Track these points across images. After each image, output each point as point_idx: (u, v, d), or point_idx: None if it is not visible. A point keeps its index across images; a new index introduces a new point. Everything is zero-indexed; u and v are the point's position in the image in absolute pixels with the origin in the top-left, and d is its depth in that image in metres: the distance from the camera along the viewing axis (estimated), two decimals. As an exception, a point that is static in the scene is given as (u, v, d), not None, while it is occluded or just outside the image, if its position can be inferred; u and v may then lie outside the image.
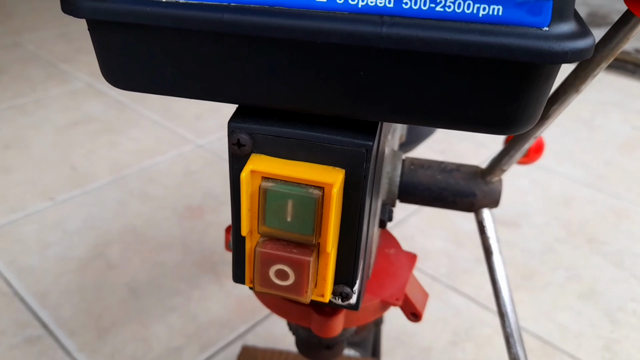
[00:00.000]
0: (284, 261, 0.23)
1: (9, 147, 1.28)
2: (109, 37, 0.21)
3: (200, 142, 1.33)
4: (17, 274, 0.93)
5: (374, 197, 0.27)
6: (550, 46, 0.17)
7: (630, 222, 1.10)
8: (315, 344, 0.38)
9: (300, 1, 0.18)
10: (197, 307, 0.88)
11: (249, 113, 0.23)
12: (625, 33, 0.24)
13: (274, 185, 0.22)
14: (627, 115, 1.53)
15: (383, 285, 0.34)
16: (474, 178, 0.34)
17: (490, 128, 0.20)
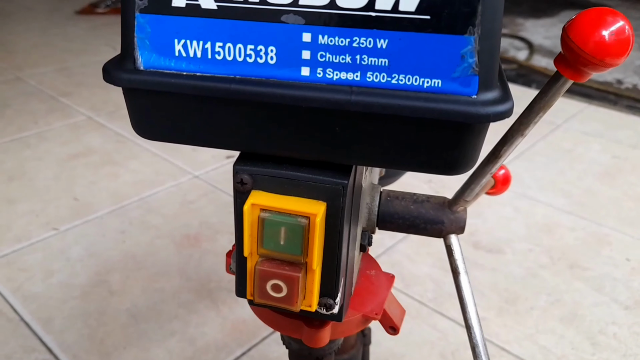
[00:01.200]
0: (279, 277, 0.28)
1: (13, 179, 1.33)
2: (140, 100, 0.27)
3: (197, 173, 1.38)
4: (22, 300, 0.97)
5: (353, 224, 0.32)
6: (477, 110, 0.23)
7: (611, 248, 1.15)
8: (306, 356, 0.43)
9: (289, 75, 0.24)
10: (195, 332, 0.92)
11: (250, 158, 0.29)
12: (557, 89, 0.29)
13: (270, 215, 0.28)
14: (607, 145, 1.60)
15: (364, 302, 0.39)
16: (441, 208, 0.39)
17: (438, 170, 0.26)
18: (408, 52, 0.23)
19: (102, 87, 1.88)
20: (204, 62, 0.26)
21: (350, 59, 0.24)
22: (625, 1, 3.52)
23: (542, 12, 3.17)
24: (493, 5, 0.23)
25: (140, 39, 0.26)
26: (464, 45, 0.23)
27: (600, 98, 1.96)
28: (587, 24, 0.25)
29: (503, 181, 0.50)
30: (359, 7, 0.23)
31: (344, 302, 0.33)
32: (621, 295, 1.02)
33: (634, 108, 1.89)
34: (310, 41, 0.24)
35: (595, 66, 0.26)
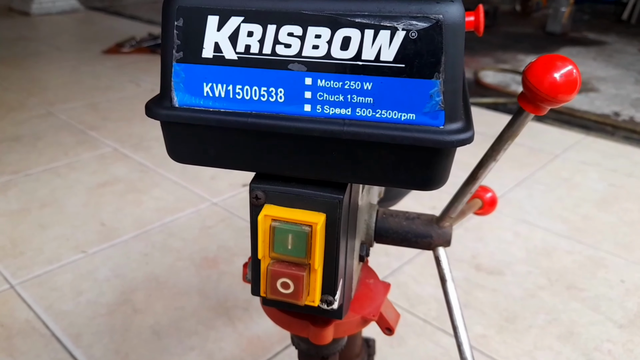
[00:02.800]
0: (287, 276, 0.35)
1: (45, 205, 1.42)
2: (175, 131, 0.34)
3: (215, 201, 1.46)
4: (53, 317, 1.05)
5: (350, 234, 0.39)
6: (444, 138, 0.30)
7: (607, 270, 1.20)
8: (313, 355, 0.49)
9: (294, 111, 0.32)
10: (213, 347, 0.99)
11: (263, 177, 0.36)
12: (521, 121, 0.36)
13: (279, 224, 0.34)
14: (604, 174, 1.66)
15: (363, 306, 0.45)
16: (430, 224, 0.46)
17: (415, 186, 0.33)
18: (388, 92, 0.30)
19: (126, 121, 1.99)
20: (226, 101, 0.33)
21: (343, 97, 0.31)
22: (622, 38, 3.61)
23: (542, 48, 3.27)
24: (454, 57, 0.30)
25: (176, 82, 0.33)
26: (431, 87, 0.30)
27: (598, 129, 2.03)
28: (541, 68, 0.31)
29: (490, 203, 0.57)
30: (349, 57, 0.30)
31: (343, 302, 0.40)
32: (616, 314, 1.07)
33: (631, 139, 1.95)
34: (311, 84, 0.31)
35: (550, 102, 0.32)
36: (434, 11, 0.29)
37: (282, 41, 0.31)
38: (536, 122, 2.10)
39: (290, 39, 0.31)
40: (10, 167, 1.62)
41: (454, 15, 0.29)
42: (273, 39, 0.31)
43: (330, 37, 0.30)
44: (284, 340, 1.00)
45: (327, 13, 0.30)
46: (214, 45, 0.32)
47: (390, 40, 0.30)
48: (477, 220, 1.38)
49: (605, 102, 2.36)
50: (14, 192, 1.48)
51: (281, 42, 0.31)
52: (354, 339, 0.66)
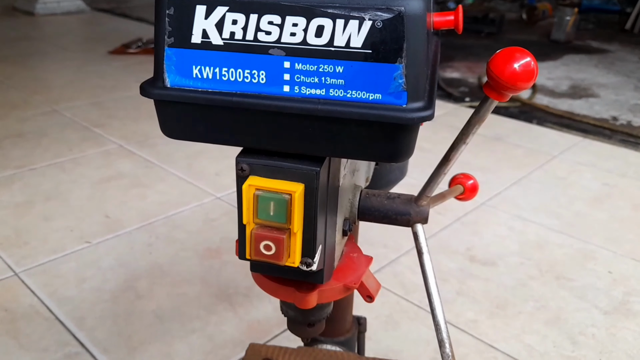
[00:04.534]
0: (269, 239, 0.38)
1: (50, 199, 1.46)
2: (167, 109, 0.38)
3: (219, 195, 1.50)
4: (57, 303, 1.08)
5: (330, 206, 0.42)
6: (406, 115, 0.34)
7: (596, 262, 1.24)
8: (300, 322, 0.52)
9: (274, 91, 0.36)
10: (214, 330, 1.02)
11: (248, 152, 0.39)
12: (487, 107, 0.39)
13: (262, 193, 0.38)
14: (598, 174, 1.69)
15: (345, 275, 0.49)
16: (409, 203, 0.49)
17: (384, 159, 0.37)
18: (357, 75, 0.34)
19: (132, 119, 2.03)
20: (213, 82, 0.37)
21: (318, 79, 0.35)
22: (625, 46, 3.65)
23: (546, 55, 3.31)
24: (415, 44, 0.33)
25: (168, 65, 0.37)
26: (395, 70, 0.34)
27: (595, 133, 2.06)
28: (503, 60, 0.35)
29: (471, 189, 0.60)
30: (323, 43, 0.34)
31: (324, 267, 0.43)
32: (602, 302, 1.10)
33: (627, 142, 1.99)
34: (289, 67, 0.35)
35: (511, 90, 0.35)
36: (396, 4, 0.33)
37: (263, 29, 0.35)
38: (536, 125, 2.14)
39: (270, 26, 0.35)
40: (15, 162, 1.66)
41: (414, 8, 0.33)
42: (255, 27, 0.35)
43: (306, 25, 0.34)
44: (282, 324, 1.04)
45: (302, 4, 0.34)
46: (202, 31, 0.36)
47: (359, 29, 0.33)
48: (474, 216, 1.42)
49: (605, 107, 2.40)
50: (18, 185, 1.52)
51: (262, 29, 0.35)
52: (344, 314, 0.69)
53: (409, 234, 1.38)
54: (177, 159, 1.71)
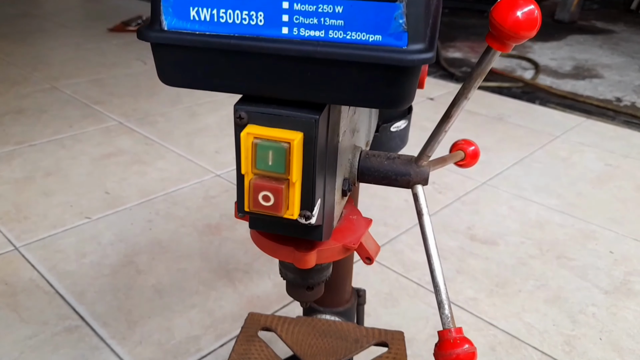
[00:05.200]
0: (267, 189, 0.37)
1: (50, 174, 1.45)
2: (164, 53, 0.37)
3: (219, 173, 1.50)
4: (57, 277, 1.08)
5: (330, 163, 0.41)
6: (406, 57, 0.33)
7: (597, 242, 1.23)
8: (299, 285, 0.52)
9: (273, 33, 0.35)
10: (214, 305, 1.02)
11: (246, 99, 0.38)
12: (489, 59, 0.38)
13: (261, 141, 0.37)
14: (601, 154, 1.68)
15: (345, 236, 0.48)
16: (409, 163, 0.48)
17: (384, 104, 0.35)
18: (357, 15, 0.33)
19: (132, 97, 2.02)
20: (211, 24, 0.36)
21: (317, 20, 0.34)
22: (630, 27, 3.61)
23: (550, 36, 3.28)
24: None
25: (165, 7, 0.36)
26: (395, 10, 0.33)
27: (599, 114, 2.05)
28: (505, 8, 0.34)
29: (472, 155, 0.59)
30: None
31: (323, 223, 0.42)
32: (602, 282, 1.10)
33: (631, 123, 1.98)
34: (288, 8, 0.34)
35: (514, 39, 0.34)
36: None
37: None
38: (539, 105, 2.13)
39: None
40: (15, 138, 1.65)
41: None
42: None
43: None
44: (282, 300, 1.04)
45: None
46: None
47: None
48: (474, 195, 1.41)
49: (609, 88, 2.38)
50: (18, 161, 1.51)
51: None
52: (343, 284, 0.69)
53: (408, 212, 1.38)
54: (177, 136, 1.70)
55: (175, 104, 1.97)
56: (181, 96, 2.04)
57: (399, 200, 1.35)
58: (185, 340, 0.94)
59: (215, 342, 0.94)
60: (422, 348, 0.93)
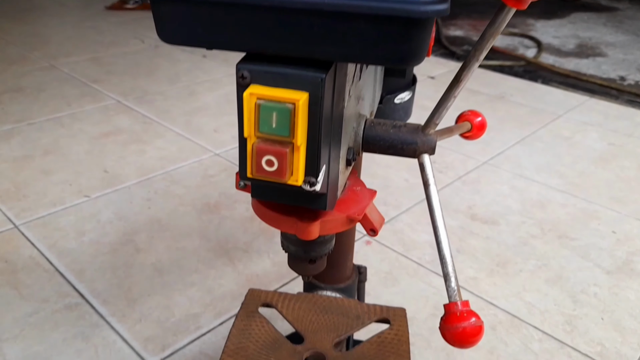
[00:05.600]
0: (271, 153, 0.35)
1: (48, 153, 1.44)
2: (163, 9, 0.35)
3: (217, 152, 1.48)
4: (57, 255, 1.08)
5: (335, 129, 0.39)
6: (419, 8, 0.31)
7: (599, 222, 1.22)
8: (301, 257, 0.51)
9: None
10: (213, 283, 1.02)
11: (249, 58, 0.36)
12: (503, 17, 0.37)
13: (264, 102, 0.35)
14: (605, 134, 1.67)
15: (349, 207, 0.47)
16: (416, 131, 0.47)
17: (395, 61, 0.34)
18: None
19: (130, 75, 2.00)
20: None
21: None
22: (634, 5, 3.57)
23: (552, 13, 3.24)
24: None
25: None
26: None
27: (602, 93, 2.03)
28: None
29: (479, 127, 0.58)
30: None
31: (327, 192, 0.41)
32: (605, 262, 1.10)
33: (634, 102, 1.96)
34: None
35: None
36: None
37: None
38: (541, 84, 2.11)
39: None
40: (13, 116, 1.63)
41: None
42: None
43: None
44: (282, 278, 1.03)
45: None
46: None
47: None
48: (475, 175, 1.41)
49: (612, 66, 2.36)
50: (17, 140, 1.50)
51: None
52: (345, 260, 0.69)
53: (409, 191, 1.37)
54: (175, 115, 1.69)
55: (173, 82, 1.95)
56: (179, 75, 2.02)
57: (400, 180, 1.34)
58: (184, 318, 0.94)
59: (214, 320, 0.94)
60: (422, 327, 0.93)
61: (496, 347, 0.89)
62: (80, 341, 0.88)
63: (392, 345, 0.58)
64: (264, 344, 0.58)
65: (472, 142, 1.60)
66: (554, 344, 0.90)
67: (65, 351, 0.86)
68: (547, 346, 0.90)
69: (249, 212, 1.23)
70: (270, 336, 0.60)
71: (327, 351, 0.58)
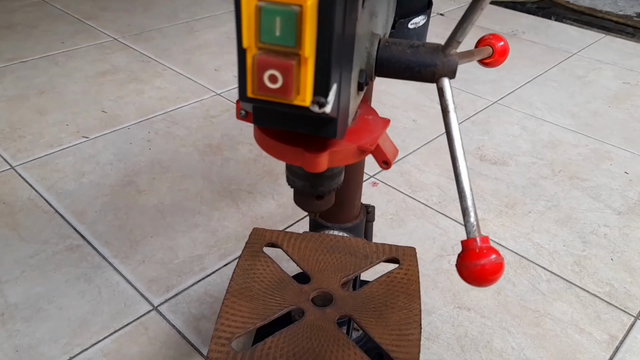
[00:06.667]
0: (275, 66, 0.31)
1: (43, 92, 1.40)
2: None
3: (219, 92, 1.44)
4: (56, 196, 1.05)
5: (347, 41, 0.34)
6: None
7: (612, 162, 1.19)
8: (308, 193, 0.47)
9: None
10: (217, 225, 1.00)
11: None
12: None
13: (266, 4, 0.30)
14: (620, 72, 1.61)
15: (360, 137, 0.43)
16: (435, 52, 0.42)
17: None
18: None
19: (126, 12, 1.92)
20: None
21: None
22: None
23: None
24: None
25: None
26: None
27: (618, 30, 1.95)
28: None
29: (501, 52, 0.53)
30: None
31: (338, 116, 0.36)
32: (616, 202, 1.07)
33: (652, 39, 1.89)
34: None
35: None
36: None
37: None
38: (554, 21, 2.03)
39: None
40: (5, 54, 1.58)
41: None
42: None
43: None
44: (286, 220, 1.01)
45: None
46: None
47: None
48: (485, 114, 1.36)
49: (629, 2, 2.27)
50: (10, 78, 1.45)
51: None
52: (352, 199, 0.66)
53: (416, 132, 1.33)
54: (174, 53, 1.63)
55: (171, 19, 1.88)
56: (177, 11, 1.94)
57: (407, 120, 1.30)
58: (189, 259, 0.93)
59: (219, 261, 0.93)
60: (428, 268, 0.92)
61: (504, 287, 0.88)
62: (83, 282, 0.87)
63: (401, 285, 0.56)
64: (269, 283, 0.57)
65: (482, 81, 1.54)
66: (562, 284, 0.89)
67: (68, 293, 0.85)
68: (555, 286, 0.88)
69: (252, 153, 1.20)
70: (276, 276, 0.58)
71: (334, 291, 0.56)
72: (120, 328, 0.80)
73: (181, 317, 0.82)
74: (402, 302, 0.53)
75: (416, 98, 1.41)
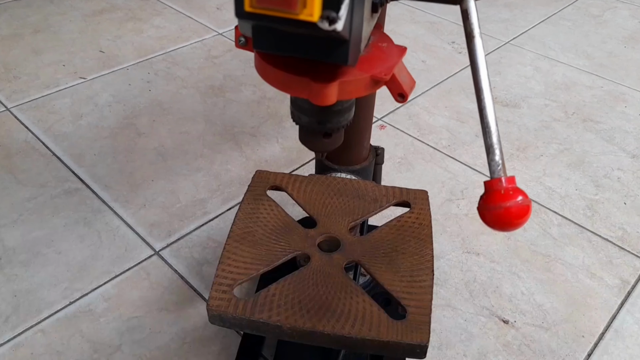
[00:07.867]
0: None
1: (38, 31, 1.35)
2: None
3: (221, 31, 1.38)
4: (53, 139, 1.02)
5: None
6: None
7: (627, 104, 1.15)
8: (315, 131, 0.44)
9: None
10: (220, 168, 0.97)
11: None
12: None
13: None
14: (636, 11, 1.55)
15: (374, 65, 0.39)
16: None
17: None
18: None
19: (121, -53, 1.84)
20: None
21: None
22: None
23: None
24: None
25: None
26: None
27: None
28: None
29: None
30: None
31: (350, 37, 0.32)
32: (630, 145, 1.04)
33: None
34: None
35: None
36: None
37: None
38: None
39: None
40: (0, -8, 1.51)
41: None
42: None
43: None
44: (291, 164, 0.99)
45: None
46: None
47: None
48: (497, 55, 1.31)
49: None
50: (3, 17, 1.40)
51: None
52: (361, 140, 0.63)
53: (425, 73, 1.28)
54: (173, -9, 1.56)
55: (170, -45, 1.79)
56: (176, -53, 1.85)
57: (416, 61, 1.25)
58: (191, 203, 0.91)
59: (222, 205, 0.90)
60: (437, 212, 0.89)
61: (513, 232, 0.86)
62: (82, 226, 0.85)
63: (412, 229, 0.54)
64: (273, 228, 0.54)
65: (494, 21, 1.48)
66: (574, 229, 0.87)
67: (67, 237, 0.84)
68: (567, 231, 0.87)
69: (255, 95, 1.16)
70: (280, 220, 0.55)
71: (342, 236, 0.54)
72: (121, 273, 0.79)
73: (183, 262, 0.81)
74: (413, 247, 0.51)
75: (426, 38, 1.35)
